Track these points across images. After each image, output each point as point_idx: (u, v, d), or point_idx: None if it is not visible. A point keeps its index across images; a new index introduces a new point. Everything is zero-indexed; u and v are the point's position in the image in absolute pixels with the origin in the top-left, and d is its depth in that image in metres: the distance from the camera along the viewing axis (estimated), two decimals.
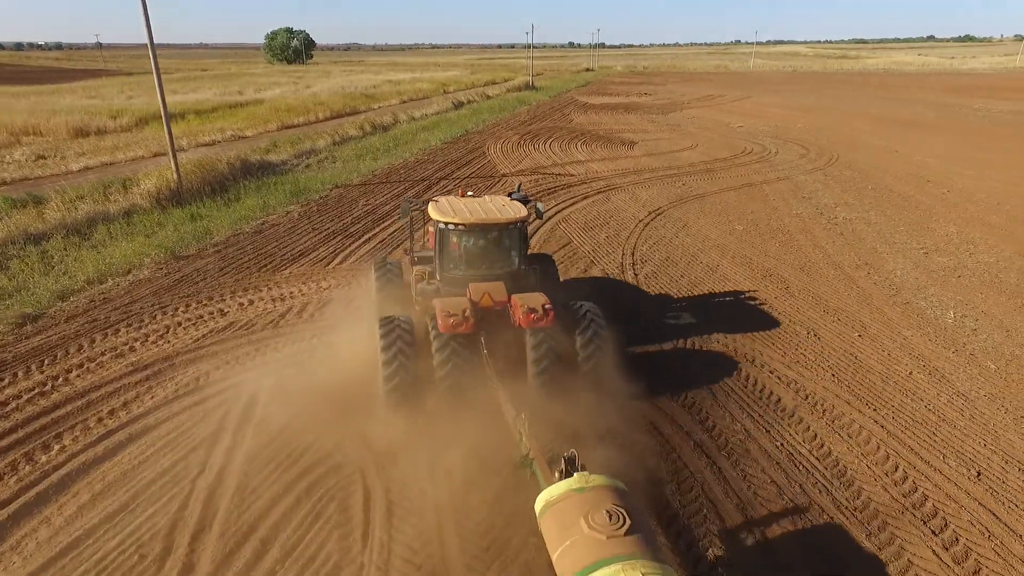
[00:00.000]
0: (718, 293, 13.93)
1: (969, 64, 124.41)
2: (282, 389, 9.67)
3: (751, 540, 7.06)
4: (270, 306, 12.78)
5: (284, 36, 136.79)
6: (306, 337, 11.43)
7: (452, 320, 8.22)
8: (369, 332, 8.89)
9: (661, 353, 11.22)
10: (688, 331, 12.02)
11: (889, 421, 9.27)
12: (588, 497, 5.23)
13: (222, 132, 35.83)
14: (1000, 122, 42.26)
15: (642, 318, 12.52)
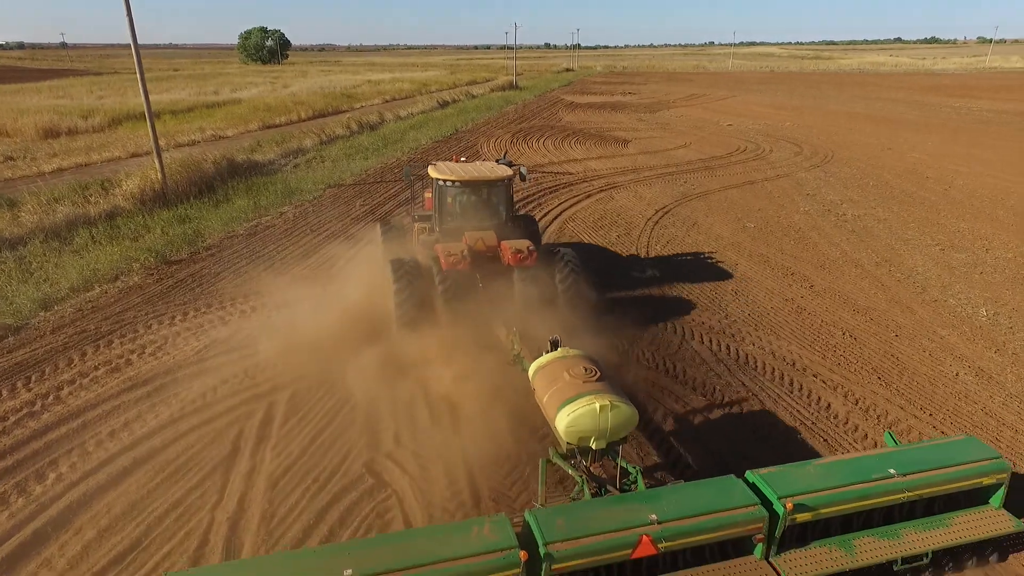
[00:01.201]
0: (742, 294, 13.42)
1: (940, 65, 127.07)
2: (296, 406, 8.89)
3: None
4: (275, 313, 11.91)
5: (259, 36, 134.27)
6: (319, 347, 10.62)
7: (452, 259, 9.82)
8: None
9: (691, 356, 10.64)
10: (720, 333, 11.47)
11: (947, 426, 8.81)
12: (569, 361, 7.01)
13: (202, 132, 34.57)
14: (982, 120, 42.79)
15: (662, 319, 11.94)
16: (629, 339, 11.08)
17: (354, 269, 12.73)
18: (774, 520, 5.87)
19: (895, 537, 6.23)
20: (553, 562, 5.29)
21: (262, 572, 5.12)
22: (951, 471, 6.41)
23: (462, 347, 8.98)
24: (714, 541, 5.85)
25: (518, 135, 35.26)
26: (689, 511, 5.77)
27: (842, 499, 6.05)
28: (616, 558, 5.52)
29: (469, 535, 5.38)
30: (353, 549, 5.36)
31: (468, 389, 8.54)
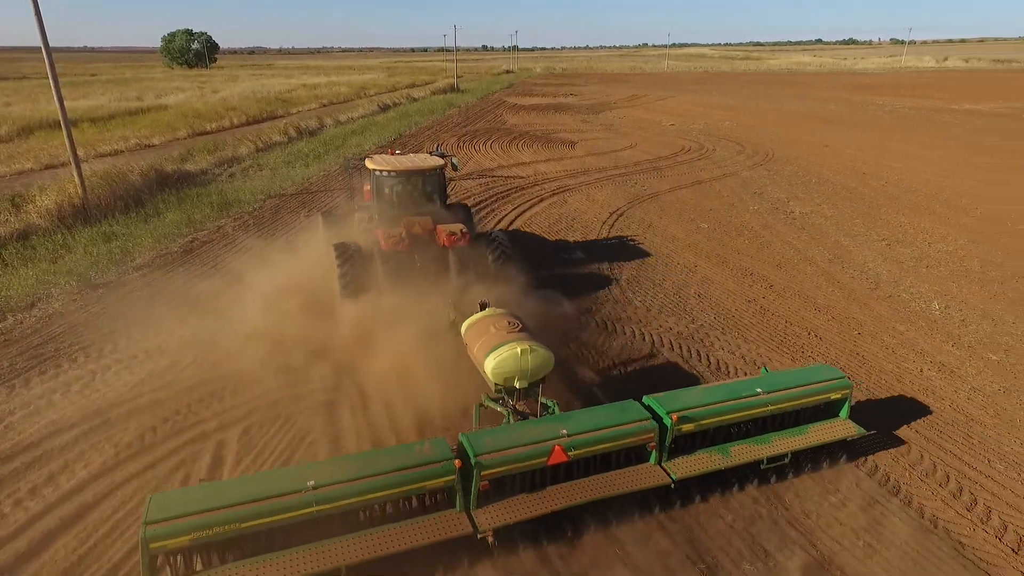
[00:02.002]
0: (706, 297, 13.30)
1: (860, 64, 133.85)
2: (249, 444, 8.09)
3: None
4: (221, 338, 10.94)
5: (183, 38, 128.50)
6: (269, 375, 9.79)
7: (392, 241, 10.73)
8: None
9: (664, 367, 10.37)
10: (689, 339, 11.27)
11: (920, 425, 8.81)
12: (494, 317, 8.15)
13: (125, 140, 32.45)
14: (906, 117, 44.99)
15: (629, 327, 11.66)
16: (598, 351, 10.73)
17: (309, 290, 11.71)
18: (663, 431, 7.21)
19: (763, 443, 7.69)
20: (483, 469, 6.40)
21: (241, 489, 5.99)
22: (806, 389, 7.99)
23: (403, 318, 9.63)
24: (615, 449, 7.09)
25: (464, 139, 34.67)
26: (594, 426, 7.02)
27: (717, 412, 7.51)
28: (534, 465, 6.70)
29: (413, 452, 6.49)
30: (316, 467, 6.45)
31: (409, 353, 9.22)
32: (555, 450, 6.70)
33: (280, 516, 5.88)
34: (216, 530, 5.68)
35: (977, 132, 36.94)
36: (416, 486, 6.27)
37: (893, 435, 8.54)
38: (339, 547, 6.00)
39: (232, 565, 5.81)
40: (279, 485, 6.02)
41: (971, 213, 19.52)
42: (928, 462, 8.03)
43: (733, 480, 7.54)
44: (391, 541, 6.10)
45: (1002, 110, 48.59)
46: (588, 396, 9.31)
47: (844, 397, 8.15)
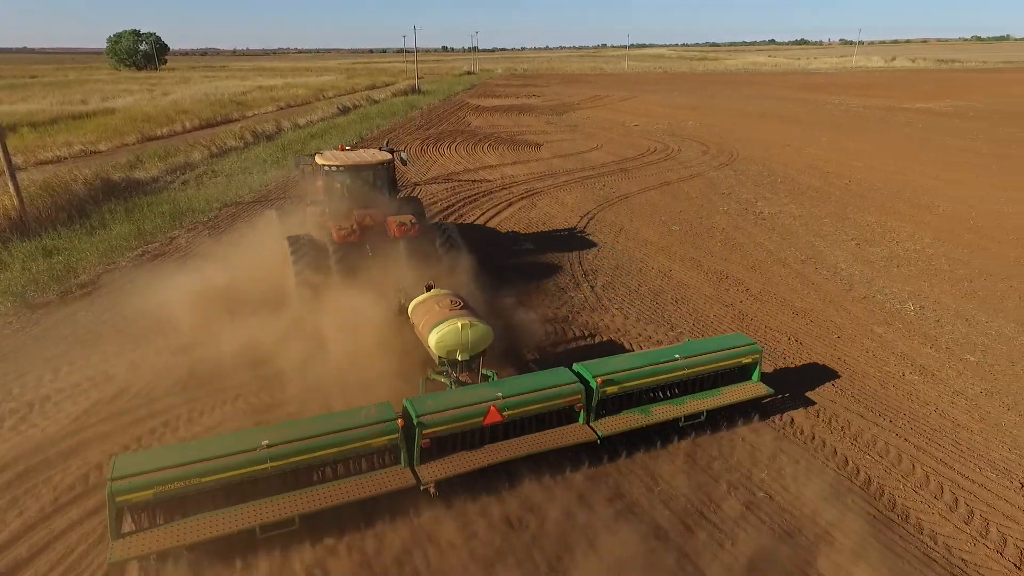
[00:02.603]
0: (683, 302, 13.04)
1: (814, 64, 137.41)
2: None
3: None
4: (171, 360, 10.16)
5: (131, 39, 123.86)
6: (228, 399, 9.09)
7: (343, 232, 11.13)
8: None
9: None
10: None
11: (909, 433, 8.65)
12: (438, 297, 8.93)
13: (69, 147, 30.73)
14: (861, 116, 46.06)
15: (607, 337, 11.30)
16: None
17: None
18: (590, 393, 7.97)
19: (681, 403, 8.52)
20: (424, 428, 7.03)
21: (200, 449, 6.44)
22: (719, 354, 8.88)
23: (356, 306, 9.91)
24: (546, 411, 7.82)
25: (428, 141, 33.99)
26: (526, 389, 7.74)
27: (639, 376, 8.30)
28: (472, 425, 7.33)
29: (360, 414, 7.04)
30: (270, 429, 6.87)
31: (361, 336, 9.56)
32: (490, 411, 7.40)
33: (236, 472, 6.34)
34: (177, 485, 6.11)
35: (930, 131, 37.97)
36: (362, 444, 6.85)
37: (886, 444, 8.34)
38: (292, 500, 6.49)
39: (192, 518, 6.19)
40: (236, 444, 6.50)
41: (933, 211, 19.83)
42: (920, 472, 7.84)
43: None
44: (341, 494, 6.62)
45: (950, 109, 50.21)
46: (526, 369, 9.75)
47: (755, 361, 9.04)
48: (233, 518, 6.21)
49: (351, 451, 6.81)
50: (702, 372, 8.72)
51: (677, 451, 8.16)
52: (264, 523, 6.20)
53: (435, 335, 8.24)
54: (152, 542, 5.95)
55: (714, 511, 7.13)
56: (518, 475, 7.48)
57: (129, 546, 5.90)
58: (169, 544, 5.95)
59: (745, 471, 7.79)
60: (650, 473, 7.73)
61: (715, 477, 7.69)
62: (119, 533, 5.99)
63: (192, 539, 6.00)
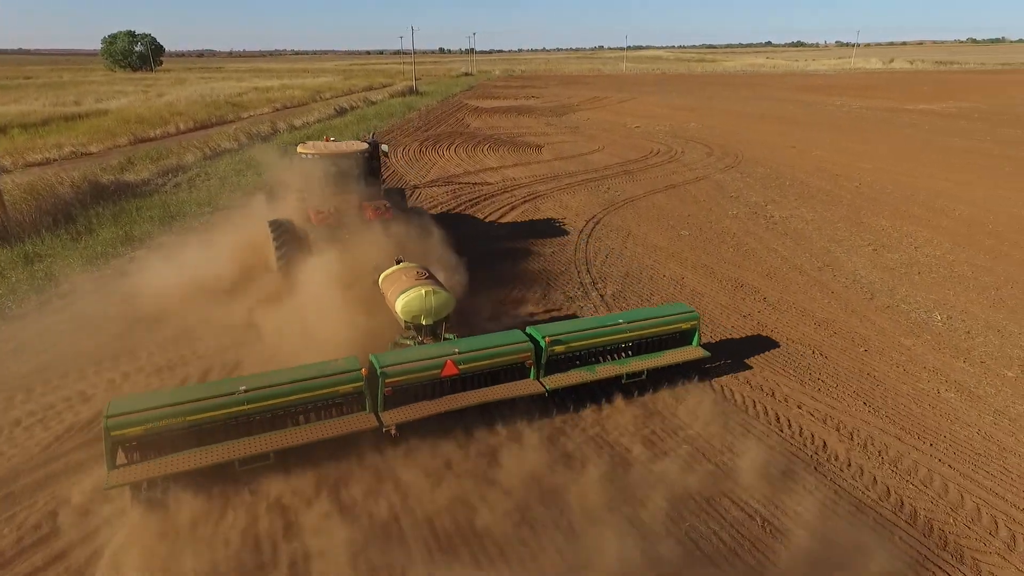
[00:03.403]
0: (697, 311, 12.35)
1: (812, 66, 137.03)
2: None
3: None
4: (155, 381, 9.46)
5: (126, 40, 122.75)
6: None
7: (321, 216, 12.14)
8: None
9: (664, 397, 9.35)
10: (687, 364, 10.29)
11: (952, 457, 8.00)
12: (406, 269, 9.73)
13: (59, 148, 29.96)
14: (863, 118, 45.52)
15: None
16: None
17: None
18: (539, 351, 8.71)
19: (624, 363, 9.29)
20: (386, 377, 7.78)
21: (186, 393, 7.25)
22: (659, 319, 9.69)
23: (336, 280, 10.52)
24: (499, 366, 8.57)
25: (427, 143, 33.31)
26: (481, 347, 8.52)
27: (584, 337, 9.09)
28: (430, 376, 8.10)
29: (328, 365, 7.77)
30: (248, 377, 7.58)
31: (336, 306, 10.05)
32: (447, 364, 8.17)
33: (218, 412, 7.08)
34: (164, 423, 6.84)
35: (935, 132, 37.43)
36: (330, 390, 7.60)
37: (930, 471, 7.68)
38: (268, 439, 7.25)
39: (178, 453, 6.90)
40: (217, 390, 7.25)
41: (949, 215, 19.22)
42: (971, 504, 7.19)
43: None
44: (311, 433, 7.40)
45: (953, 110, 49.73)
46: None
47: (693, 327, 9.82)
48: (215, 453, 6.96)
49: (320, 396, 7.57)
50: (644, 336, 9.52)
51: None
52: (242, 457, 6.96)
53: (401, 301, 9.05)
54: (142, 472, 6.73)
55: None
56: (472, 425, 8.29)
57: (122, 475, 6.65)
58: (157, 474, 6.70)
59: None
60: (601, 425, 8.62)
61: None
62: (114, 464, 6.70)
63: (178, 470, 6.72)
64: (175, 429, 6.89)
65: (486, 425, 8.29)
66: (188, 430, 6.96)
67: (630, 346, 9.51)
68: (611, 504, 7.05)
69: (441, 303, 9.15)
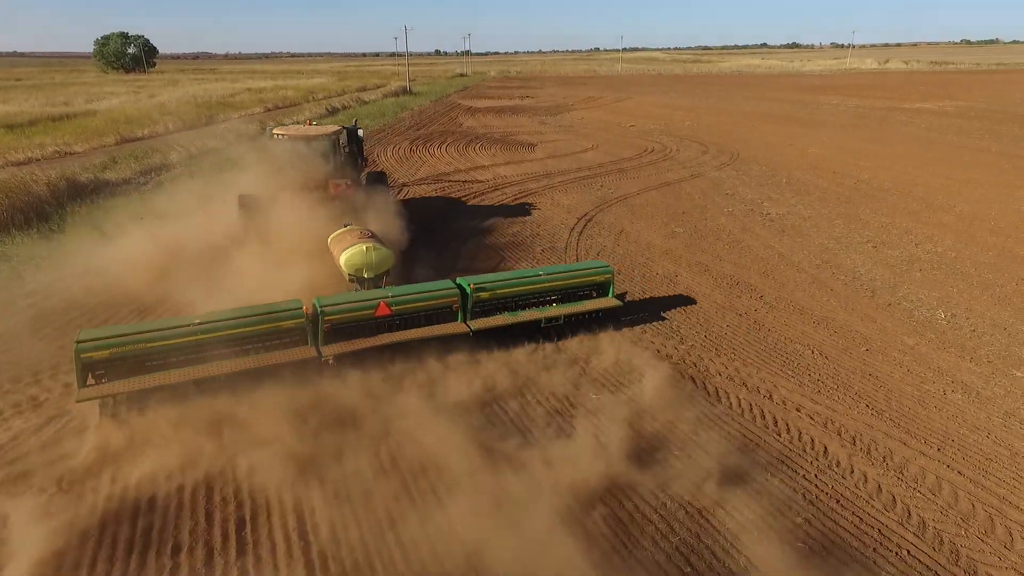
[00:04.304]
0: (692, 312, 11.87)
1: (808, 67, 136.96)
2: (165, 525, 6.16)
3: None
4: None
5: (118, 42, 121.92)
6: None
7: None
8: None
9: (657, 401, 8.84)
10: (680, 363, 9.78)
11: (962, 464, 7.49)
12: (351, 230, 11.10)
13: (42, 148, 29.29)
14: (860, 116, 45.16)
15: (612, 345, 10.10)
16: (576, 382, 9.11)
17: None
18: (465, 297, 9.78)
19: (543, 309, 10.37)
20: (326, 315, 8.85)
21: (147, 325, 8.27)
22: (576, 272, 11.04)
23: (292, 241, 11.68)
24: (428, 309, 9.62)
25: (417, 142, 32.80)
26: (413, 291, 9.65)
27: (506, 285, 10.24)
28: (365, 315, 9.16)
29: (274, 306, 8.82)
30: (204, 314, 8.52)
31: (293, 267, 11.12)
32: (380, 305, 9.27)
33: (173, 341, 8.05)
34: (128, 348, 7.86)
35: (932, 130, 37.06)
36: (274, 324, 8.64)
37: (938, 478, 7.17)
38: (220, 364, 8.18)
39: (141, 376, 7.91)
40: (175, 323, 8.35)
41: (950, 212, 18.76)
42: (983, 514, 6.68)
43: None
44: (258, 361, 8.38)
45: (949, 108, 49.42)
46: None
47: (608, 280, 11.00)
48: (174, 375, 7.97)
49: (265, 331, 8.58)
50: (561, 287, 10.72)
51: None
52: (198, 379, 7.96)
53: (344, 256, 10.30)
54: (108, 389, 7.76)
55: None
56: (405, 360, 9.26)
57: (90, 392, 7.69)
58: (122, 391, 7.72)
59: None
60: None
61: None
62: (84, 383, 7.72)
63: (139, 388, 7.74)
64: (137, 354, 7.91)
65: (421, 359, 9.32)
66: (148, 356, 7.98)
67: (557, 298, 10.74)
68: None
69: (381, 258, 10.40)
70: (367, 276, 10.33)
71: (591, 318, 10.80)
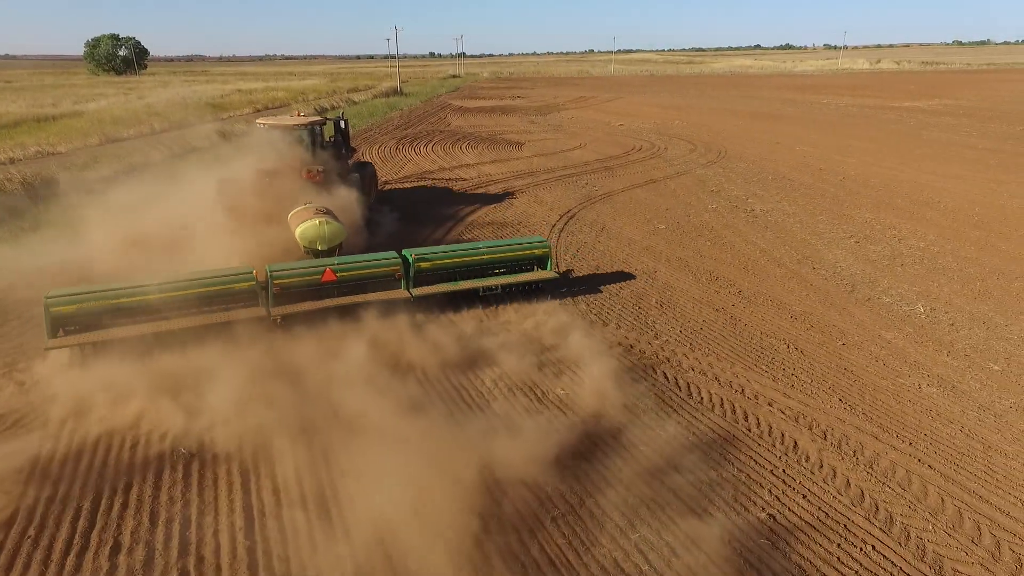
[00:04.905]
0: (668, 306, 11.71)
1: (800, 67, 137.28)
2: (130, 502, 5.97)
3: None
4: (79, 380, 8.67)
5: (109, 44, 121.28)
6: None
7: (263, 175, 13.58)
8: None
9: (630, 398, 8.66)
10: (653, 358, 9.61)
11: (933, 458, 7.34)
12: (309, 208, 12.04)
13: (23, 148, 29.00)
14: (850, 114, 45.17)
15: (586, 342, 9.92)
16: (542, 383, 8.93)
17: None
18: (408, 266, 10.68)
19: (482, 280, 11.30)
20: (275, 279, 9.83)
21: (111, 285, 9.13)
22: (514, 246, 12.01)
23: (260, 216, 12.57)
24: (371, 276, 10.52)
25: (403, 141, 32.59)
26: (359, 260, 10.71)
27: (447, 257, 11.23)
28: (312, 280, 10.12)
29: (228, 271, 9.91)
30: (165, 278, 9.34)
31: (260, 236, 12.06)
32: (326, 271, 10.17)
33: (133, 298, 8.92)
34: (91, 304, 8.73)
35: (921, 127, 37.07)
36: (227, 287, 9.56)
37: (908, 472, 7.01)
38: (180, 320, 9.09)
39: (105, 329, 8.77)
40: (136, 283, 9.13)
41: (934, 207, 18.67)
42: (952, 508, 6.52)
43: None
44: (214, 318, 9.30)
45: (939, 107, 49.49)
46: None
47: (545, 254, 11.89)
48: (135, 329, 8.87)
49: (219, 291, 9.51)
50: (500, 259, 11.65)
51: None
52: (157, 332, 8.87)
53: (299, 229, 11.38)
54: (75, 340, 8.65)
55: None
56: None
57: (58, 342, 8.58)
58: (88, 342, 8.64)
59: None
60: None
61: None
62: (53, 335, 8.64)
63: (103, 340, 8.64)
64: (100, 311, 8.77)
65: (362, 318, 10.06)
66: (111, 312, 8.83)
67: (503, 269, 11.69)
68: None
69: (333, 232, 11.44)
70: (320, 248, 11.34)
71: (536, 289, 11.83)
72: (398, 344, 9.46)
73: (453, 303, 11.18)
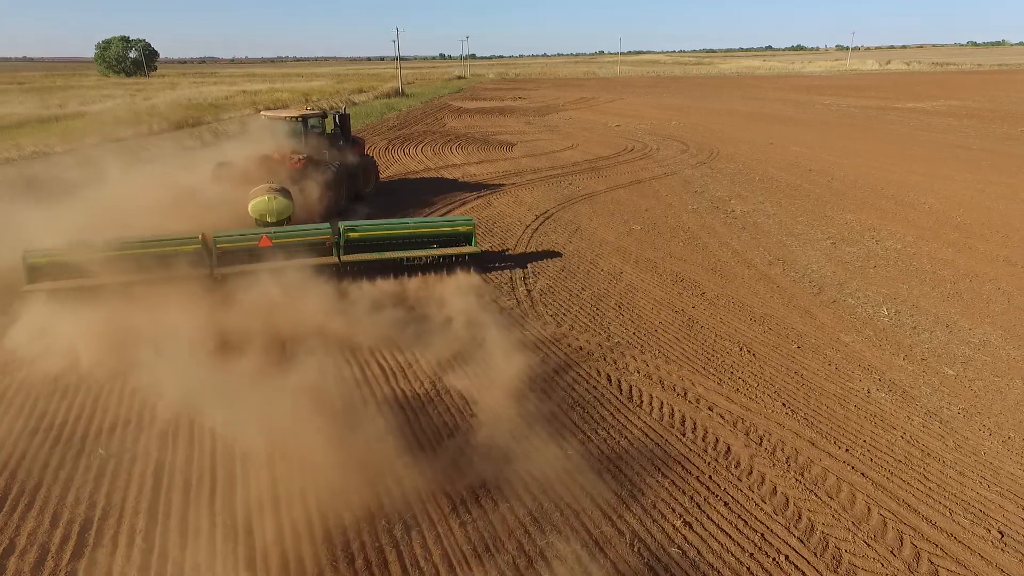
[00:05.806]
0: (627, 308, 11.54)
1: (808, 68, 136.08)
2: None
3: None
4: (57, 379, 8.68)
5: (119, 45, 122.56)
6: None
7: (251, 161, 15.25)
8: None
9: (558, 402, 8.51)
10: (600, 360, 9.46)
11: (868, 465, 7.14)
12: (267, 187, 13.29)
13: (19, 148, 29.36)
14: (850, 115, 44.66)
15: (532, 352, 9.78)
16: (485, 384, 8.81)
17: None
18: (339, 235, 11.94)
19: (407, 251, 12.49)
20: (218, 242, 11.26)
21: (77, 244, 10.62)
22: (441, 223, 13.76)
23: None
24: (305, 243, 11.80)
25: (395, 141, 32.56)
26: (294, 230, 12.25)
27: (375, 229, 12.52)
28: (250, 245, 11.44)
29: (177, 235, 11.21)
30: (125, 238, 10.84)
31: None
32: (263, 238, 11.41)
33: (100, 254, 10.40)
34: (60, 258, 10.43)
35: (919, 128, 36.56)
36: (176, 248, 10.95)
37: (838, 480, 6.82)
38: (137, 275, 10.47)
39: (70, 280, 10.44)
40: (97, 243, 10.50)
41: (918, 208, 18.35)
42: (877, 518, 6.33)
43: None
44: (163, 275, 10.56)
45: (942, 108, 48.81)
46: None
47: (470, 231, 12.92)
48: (94, 280, 10.39)
49: (169, 252, 10.88)
50: (426, 233, 12.84)
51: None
52: (114, 283, 10.31)
53: (251, 203, 12.89)
54: (45, 286, 10.33)
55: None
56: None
57: (32, 287, 10.29)
58: (58, 288, 10.30)
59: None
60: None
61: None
62: (30, 282, 10.36)
63: (71, 287, 10.31)
64: (67, 262, 10.37)
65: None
66: (79, 265, 10.37)
67: (437, 243, 12.77)
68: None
69: (281, 206, 12.93)
70: (270, 220, 12.88)
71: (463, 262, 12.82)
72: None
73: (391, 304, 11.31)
